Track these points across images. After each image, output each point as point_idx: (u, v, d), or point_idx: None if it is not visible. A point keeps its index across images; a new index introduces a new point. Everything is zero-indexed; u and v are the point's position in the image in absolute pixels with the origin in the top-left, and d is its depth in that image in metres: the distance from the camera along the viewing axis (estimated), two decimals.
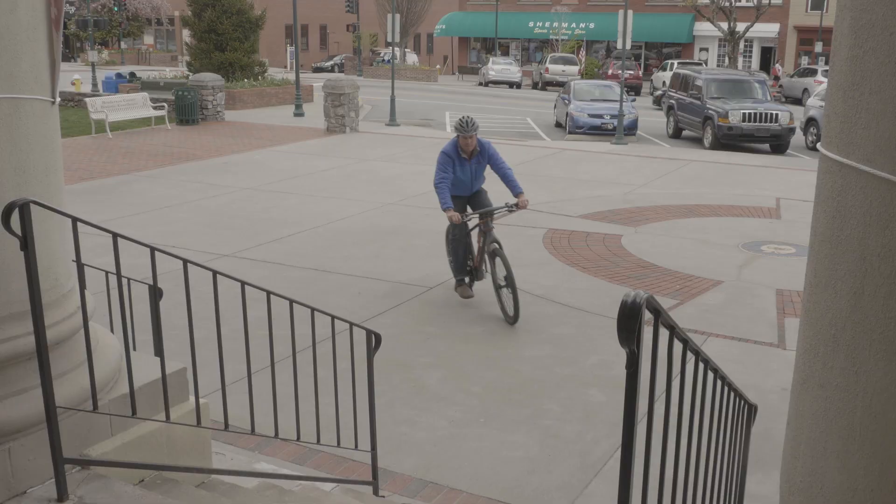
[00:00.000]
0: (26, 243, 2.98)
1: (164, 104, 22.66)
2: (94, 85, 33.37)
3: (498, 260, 8.30)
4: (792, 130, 21.48)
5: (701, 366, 2.99)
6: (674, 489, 2.96)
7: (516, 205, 8.25)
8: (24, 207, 2.94)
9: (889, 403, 1.71)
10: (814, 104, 22.81)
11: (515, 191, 8.36)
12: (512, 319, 8.14)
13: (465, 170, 8.36)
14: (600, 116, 23.42)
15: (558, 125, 26.07)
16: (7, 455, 3.27)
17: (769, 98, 22.98)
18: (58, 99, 3.45)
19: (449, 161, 8.27)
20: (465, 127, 8.14)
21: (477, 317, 8.38)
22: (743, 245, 11.50)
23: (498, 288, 8.33)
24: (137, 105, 22.36)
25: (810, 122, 22.57)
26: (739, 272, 10.23)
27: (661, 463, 2.74)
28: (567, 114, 24.24)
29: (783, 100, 35.23)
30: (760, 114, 21.17)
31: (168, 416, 3.71)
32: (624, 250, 11.12)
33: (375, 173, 16.54)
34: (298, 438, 4.57)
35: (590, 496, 5.26)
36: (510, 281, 8.09)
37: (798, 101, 34.66)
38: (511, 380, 6.96)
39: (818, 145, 1.99)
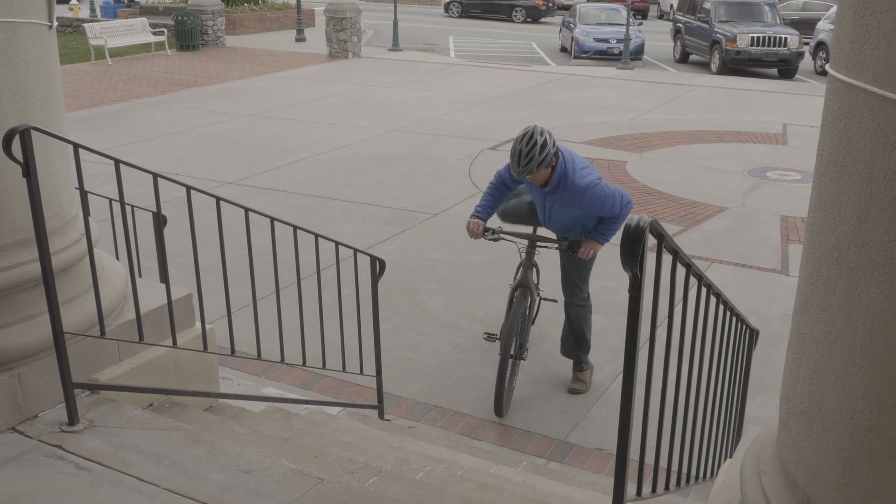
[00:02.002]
0: (28, 170, 2.96)
1: (164, 29, 22.33)
2: (92, 10, 32.80)
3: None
4: (801, 55, 21.15)
5: (704, 291, 3.01)
6: (674, 412, 3.00)
7: (570, 246, 5.22)
8: (24, 133, 2.91)
9: (890, 326, 1.72)
10: (823, 27, 22.41)
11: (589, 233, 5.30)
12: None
13: (537, 195, 5.29)
14: (606, 41, 23.07)
15: (563, 50, 25.70)
16: (17, 380, 3.31)
17: (779, 21, 22.56)
18: (55, 23, 3.39)
19: (508, 176, 5.33)
20: (519, 161, 4.76)
21: (481, 243, 8.39)
22: (748, 171, 11.43)
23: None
24: (137, 30, 22.03)
25: (819, 45, 22.21)
26: (744, 198, 10.20)
27: (662, 387, 2.78)
28: (572, 38, 23.88)
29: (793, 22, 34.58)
30: (769, 37, 20.82)
31: (175, 342, 3.75)
32: (628, 176, 11.07)
33: (378, 99, 16.38)
34: (304, 364, 4.62)
35: (592, 420, 5.34)
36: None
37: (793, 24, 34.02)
38: None
39: (827, 66, 1.96)
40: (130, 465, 3.09)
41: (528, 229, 5.78)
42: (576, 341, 5.67)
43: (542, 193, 5.14)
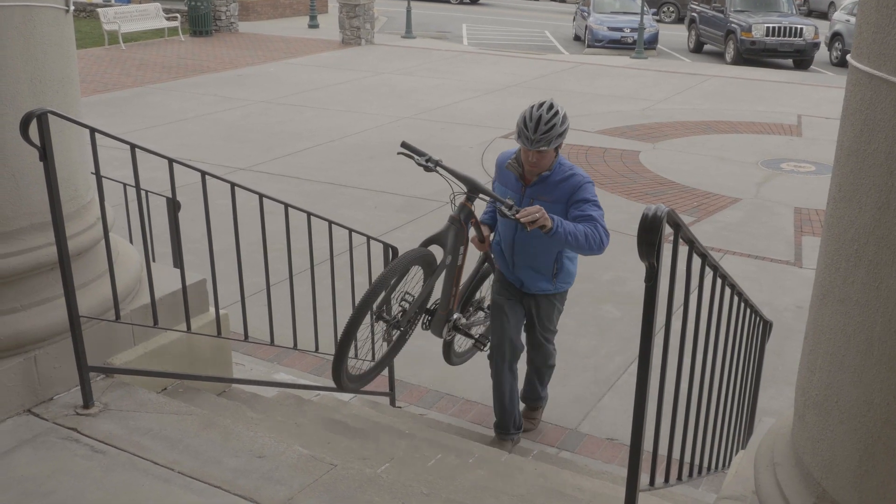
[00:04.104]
0: (45, 153, 2.97)
1: (177, 15, 22.33)
2: None
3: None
4: (816, 45, 20.99)
5: (718, 281, 3.00)
6: (688, 403, 3.00)
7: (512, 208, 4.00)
8: (41, 117, 2.92)
9: None
10: (840, 18, 22.23)
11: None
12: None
13: (513, 196, 4.30)
14: (620, 30, 22.93)
15: (577, 38, 25.58)
16: (33, 363, 3.33)
17: (794, 11, 22.39)
18: (71, 7, 3.40)
19: (497, 173, 4.53)
20: (528, 128, 4.08)
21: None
22: (762, 162, 11.38)
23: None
24: (150, 16, 22.03)
25: (836, 36, 22.03)
26: (758, 190, 10.15)
27: (676, 377, 2.78)
28: (586, 27, 23.75)
29: (808, 13, 34.35)
30: (785, 28, 20.66)
31: (189, 327, 3.77)
32: (641, 166, 11.03)
33: (391, 87, 16.35)
34: (317, 350, 4.63)
35: (602, 409, 5.34)
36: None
37: (824, 15, 33.78)
38: None
39: (848, 57, 1.94)
40: (145, 449, 3.11)
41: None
42: (537, 392, 5.02)
43: (518, 194, 4.27)
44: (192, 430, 3.27)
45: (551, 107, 4.15)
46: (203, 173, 3.68)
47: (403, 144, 4.26)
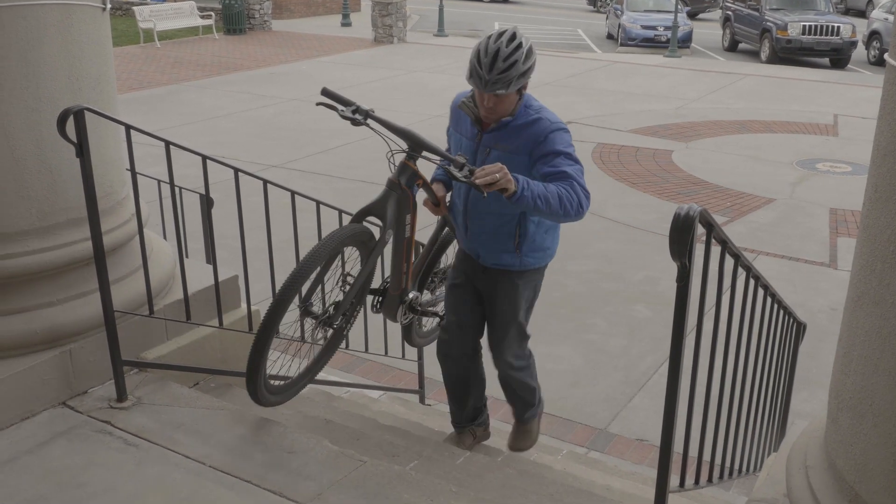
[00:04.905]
0: (81, 150, 3.01)
1: (212, 13, 22.52)
2: None
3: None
4: (854, 44, 20.69)
5: (751, 282, 2.97)
6: (719, 405, 2.97)
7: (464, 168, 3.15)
8: (78, 114, 2.96)
9: None
10: (878, 16, 21.90)
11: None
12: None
13: (467, 144, 3.53)
14: (654, 28, 22.77)
15: (610, 37, 25.44)
16: (68, 356, 3.38)
17: (831, 10, 22.10)
18: (108, 5, 3.44)
19: (452, 116, 3.67)
20: (481, 65, 3.20)
21: None
22: (797, 162, 11.25)
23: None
24: (185, 14, 22.25)
25: (873, 35, 21.70)
26: (792, 190, 10.04)
27: (707, 378, 2.75)
28: (619, 25, 23.61)
29: (846, 11, 33.89)
30: (821, 26, 20.40)
31: (221, 322, 3.80)
32: (674, 166, 10.95)
33: (423, 85, 16.37)
34: (347, 347, 4.65)
35: (633, 409, 5.31)
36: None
37: (861, 14, 33.30)
38: (556, 294, 6.98)
39: (886, 55, 1.91)
40: (177, 443, 3.14)
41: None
42: (522, 401, 4.00)
43: (473, 142, 3.47)
44: (223, 425, 3.30)
45: (513, 37, 3.23)
46: (236, 170, 3.72)
47: (324, 91, 3.46)
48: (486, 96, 3.25)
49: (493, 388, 5.50)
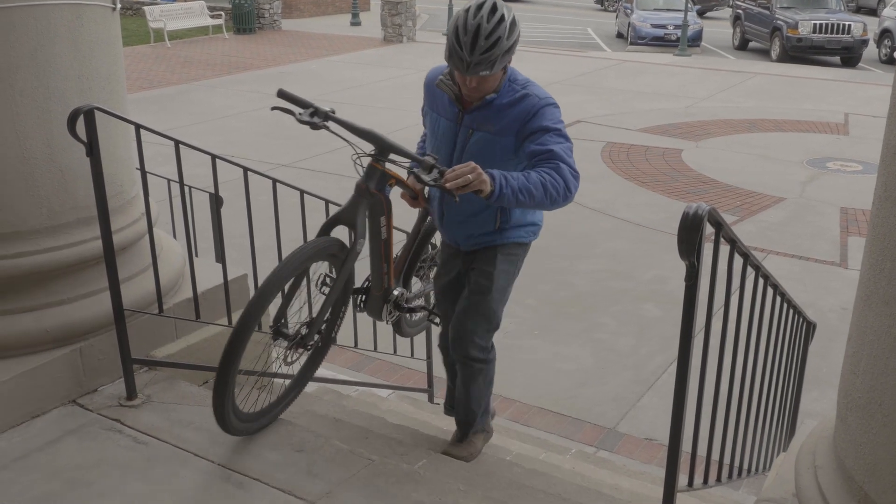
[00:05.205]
0: (91, 149, 3.03)
1: (221, 13, 22.58)
2: None
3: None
4: (864, 42, 20.60)
5: (761, 281, 2.96)
6: (728, 404, 2.97)
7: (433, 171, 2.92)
8: (88, 114, 2.98)
9: None
10: (889, 15, 21.78)
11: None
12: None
13: (446, 126, 3.30)
14: (663, 27, 22.71)
15: (619, 36, 25.39)
16: (78, 354, 3.40)
17: (842, 8, 22.00)
18: (118, 5, 3.45)
19: (427, 95, 3.47)
20: (461, 46, 2.91)
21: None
22: (807, 161, 11.21)
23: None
24: (195, 13, 22.31)
25: (884, 33, 21.59)
26: (803, 189, 10.01)
27: (716, 378, 2.75)
28: (629, 24, 23.57)
29: (857, 10, 33.74)
30: (832, 24, 20.31)
31: (230, 321, 3.81)
32: (684, 165, 10.93)
33: None
34: (356, 346, 4.66)
35: (642, 409, 5.31)
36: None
37: (873, 12, 33.15)
38: (565, 293, 6.98)
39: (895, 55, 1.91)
40: (186, 441, 3.15)
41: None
42: (465, 408, 3.67)
43: (453, 123, 3.21)
44: None
45: (493, 9, 2.91)
46: (245, 169, 3.72)
47: (280, 93, 3.25)
48: (469, 77, 2.99)
49: (499, 386, 5.49)
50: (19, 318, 3.29)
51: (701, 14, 29.19)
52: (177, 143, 3.46)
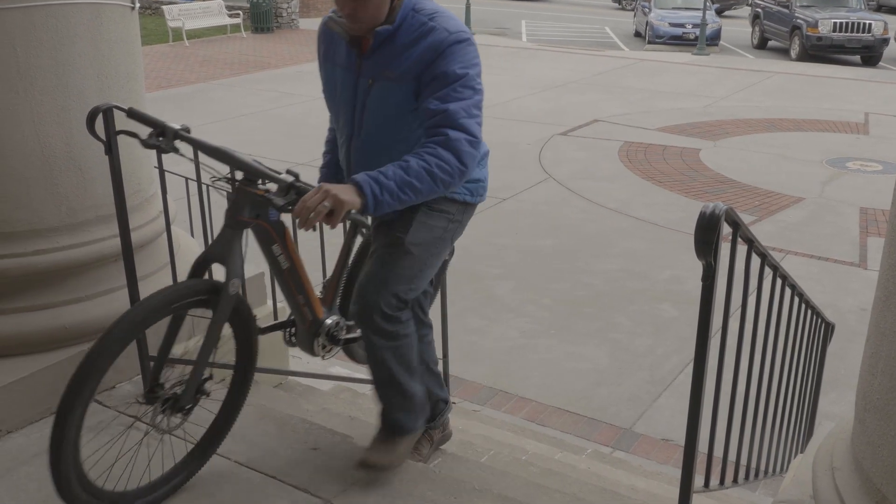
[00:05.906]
0: (110, 147, 3.05)
1: (239, 12, 22.67)
2: None
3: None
4: (886, 41, 20.44)
5: (779, 282, 2.95)
6: (745, 405, 2.95)
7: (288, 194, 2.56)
8: (107, 112, 2.99)
9: None
10: None
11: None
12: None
13: (344, 76, 2.68)
14: (682, 25, 22.62)
15: (637, 35, 25.31)
16: None
17: (863, 6, 21.83)
18: (137, 4, 3.47)
19: (321, 44, 2.81)
20: None
21: (548, 229, 8.34)
22: (827, 161, 11.13)
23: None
24: (213, 13, 22.41)
25: None
26: (822, 189, 9.94)
27: (733, 378, 2.73)
28: (647, 23, 23.49)
29: (878, 8, 33.47)
30: (853, 23, 20.16)
31: None
32: (702, 164, 10.88)
33: None
34: None
35: (658, 409, 5.29)
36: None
37: (893, 10, 32.88)
38: (581, 293, 6.96)
39: None
40: None
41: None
42: (384, 400, 2.97)
43: (351, 72, 2.64)
44: (248, 421, 3.31)
45: None
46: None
47: (130, 113, 2.77)
48: None
49: (515, 385, 5.48)
50: (36, 315, 3.32)
51: (719, 13, 29.04)
52: (195, 141, 3.47)
